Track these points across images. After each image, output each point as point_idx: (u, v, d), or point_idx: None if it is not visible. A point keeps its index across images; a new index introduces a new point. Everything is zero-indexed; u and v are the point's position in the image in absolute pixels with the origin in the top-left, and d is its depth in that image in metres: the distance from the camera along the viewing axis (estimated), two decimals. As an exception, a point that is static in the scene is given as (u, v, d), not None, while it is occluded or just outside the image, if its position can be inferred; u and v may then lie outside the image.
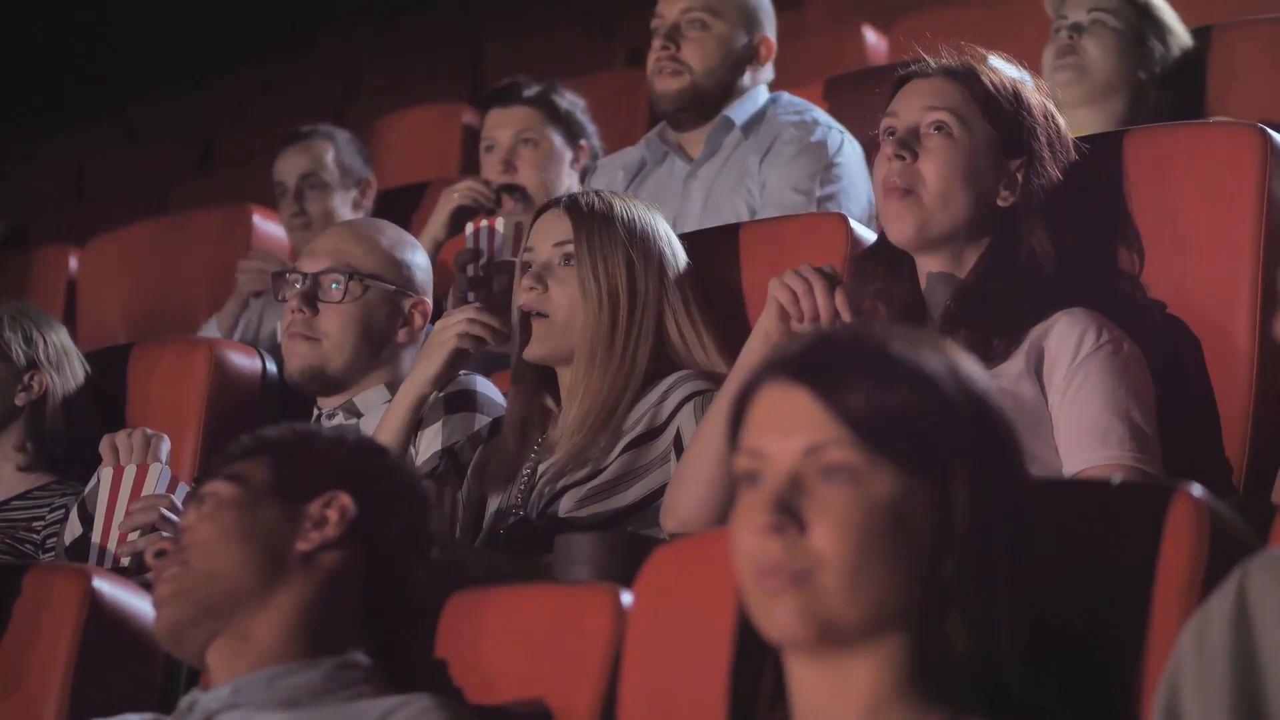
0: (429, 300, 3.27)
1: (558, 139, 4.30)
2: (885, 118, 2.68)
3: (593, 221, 2.86)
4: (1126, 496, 1.93)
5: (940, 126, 2.62)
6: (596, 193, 2.92)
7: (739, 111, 3.97)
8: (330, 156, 4.73)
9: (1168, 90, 3.76)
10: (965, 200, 2.61)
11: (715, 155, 3.97)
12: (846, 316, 2.46)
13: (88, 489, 3.15)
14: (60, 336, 3.57)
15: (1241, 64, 3.84)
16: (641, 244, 2.87)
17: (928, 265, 2.66)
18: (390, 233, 3.28)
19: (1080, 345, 2.53)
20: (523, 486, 2.88)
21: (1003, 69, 2.69)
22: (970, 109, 2.63)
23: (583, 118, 4.37)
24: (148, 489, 2.91)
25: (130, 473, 2.94)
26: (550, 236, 2.89)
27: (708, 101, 3.98)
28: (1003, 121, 2.64)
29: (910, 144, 2.62)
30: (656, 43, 3.99)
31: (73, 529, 3.16)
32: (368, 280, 3.17)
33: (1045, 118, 2.67)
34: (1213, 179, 2.73)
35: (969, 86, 2.65)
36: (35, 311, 3.61)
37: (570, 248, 2.86)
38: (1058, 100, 3.68)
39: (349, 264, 3.18)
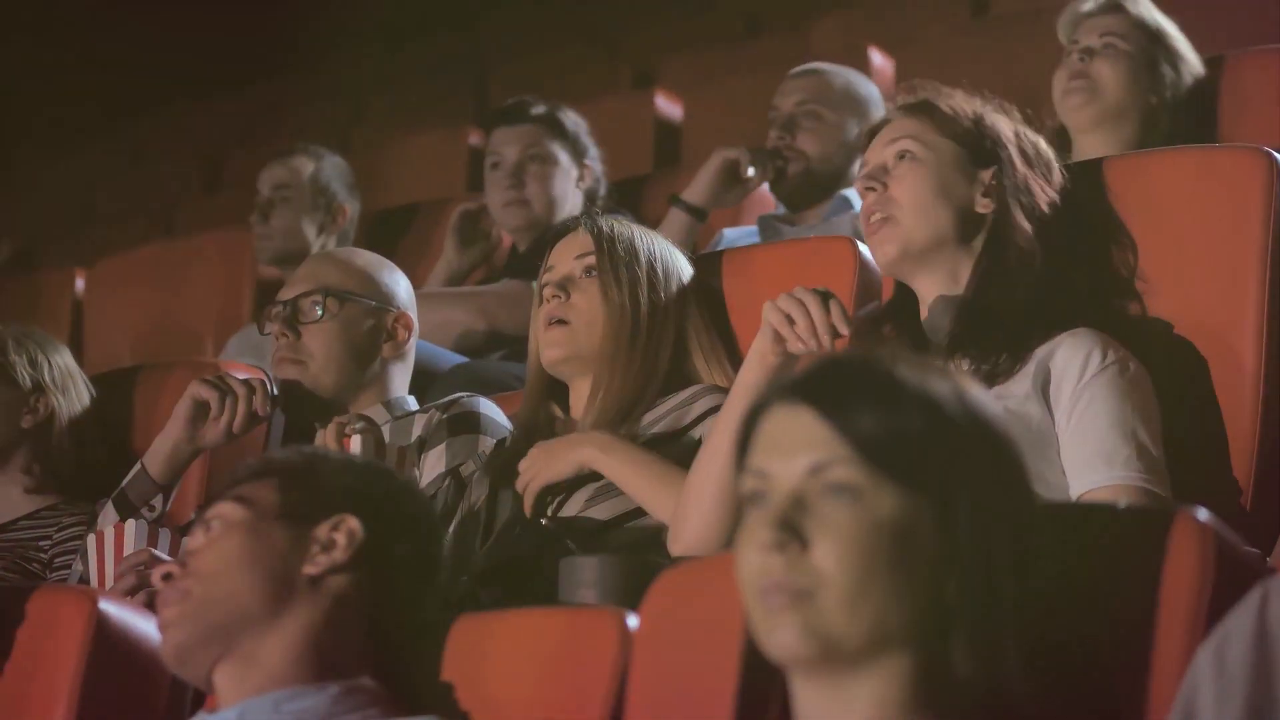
0: (413, 315, 3.28)
1: (564, 156, 4.34)
2: (861, 168, 2.78)
3: (613, 235, 2.94)
4: (1130, 519, 1.93)
5: (904, 154, 2.71)
6: (612, 217, 2.99)
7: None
8: (308, 174, 4.72)
9: (1180, 117, 3.76)
10: (942, 212, 2.67)
11: (824, 224, 4.07)
12: (844, 330, 2.47)
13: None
14: (65, 359, 3.58)
15: (1253, 93, 3.84)
16: (661, 260, 2.94)
17: (925, 290, 2.70)
18: (366, 255, 3.35)
19: (1086, 365, 2.54)
20: None
21: (962, 96, 2.75)
22: (930, 133, 2.72)
23: (587, 140, 4.40)
24: (127, 548, 2.91)
25: (110, 536, 2.93)
26: (570, 251, 2.95)
27: (821, 181, 4.14)
28: (965, 136, 2.71)
29: (879, 176, 2.71)
30: (773, 133, 4.17)
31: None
32: (345, 296, 3.20)
33: (1016, 135, 2.73)
34: (1219, 201, 2.74)
35: (928, 115, 2.74)
36: (39, 334, 3.62)
37: (591, 259, 2.91)
38: (1069, 125, 3.71)
39: (324, 284, 3.22)
